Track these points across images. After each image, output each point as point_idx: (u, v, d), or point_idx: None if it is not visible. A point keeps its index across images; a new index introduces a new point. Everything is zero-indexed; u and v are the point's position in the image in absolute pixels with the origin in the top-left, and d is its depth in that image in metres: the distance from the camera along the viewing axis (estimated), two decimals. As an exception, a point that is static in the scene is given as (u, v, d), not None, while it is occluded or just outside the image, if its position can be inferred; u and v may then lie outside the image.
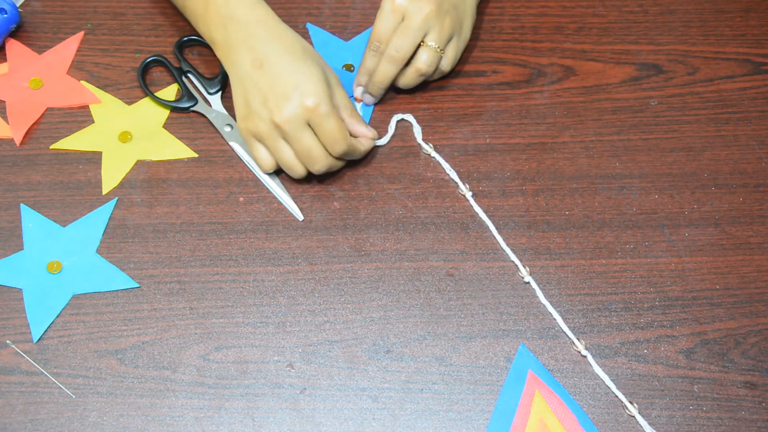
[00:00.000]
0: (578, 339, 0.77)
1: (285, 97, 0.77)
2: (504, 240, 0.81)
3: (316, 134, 0.79)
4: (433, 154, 0.85)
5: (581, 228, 0.82)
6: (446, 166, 0.84)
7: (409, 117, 0.86)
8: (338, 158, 0.81)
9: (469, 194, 0.83)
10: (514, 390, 0.75)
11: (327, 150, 0.79)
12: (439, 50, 0.83)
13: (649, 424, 0.74)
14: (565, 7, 0.94)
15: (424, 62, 0.83)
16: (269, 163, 0.81)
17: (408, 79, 0.85)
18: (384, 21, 0.83)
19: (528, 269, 0.80)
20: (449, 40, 0.85)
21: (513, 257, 0.80)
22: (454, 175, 0.84)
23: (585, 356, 0.76)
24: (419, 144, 0.86)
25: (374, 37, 0.84)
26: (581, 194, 0.84)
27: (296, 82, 0.77)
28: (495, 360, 0.76)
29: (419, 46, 0.83)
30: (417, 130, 0.86)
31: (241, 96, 0.80)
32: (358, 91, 0.87)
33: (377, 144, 0.85)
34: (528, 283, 0.80)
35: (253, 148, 0.81)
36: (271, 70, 0.78)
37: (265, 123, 0.78)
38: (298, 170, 0.81)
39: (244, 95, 0.80)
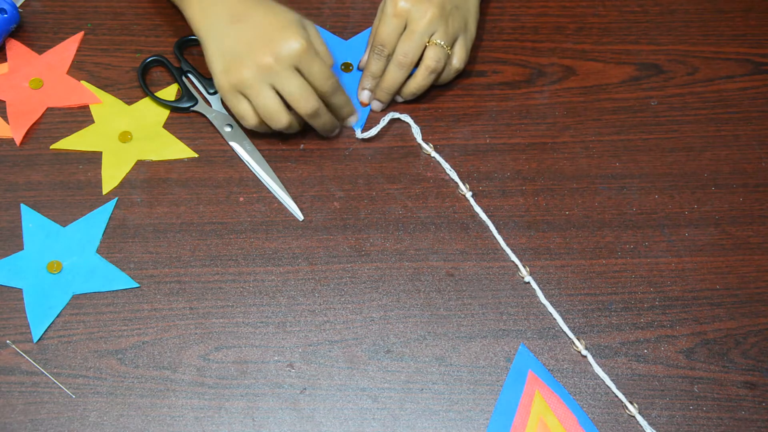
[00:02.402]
0: (578, 339, 0.77)
1: (272, 40, 0.78)
2: (504, 240, 0.81)
3: (303, 76, 0.80)
4: (433, 154, 0.85)
5: (581, 228, 0.82)
6: (446, 166, 0.84)
7: (406, 117, 0.86)
8: (326, 99, 0.82)
9: (469, 194, 0.83)
10: (514, 390, 0.75)
11: (315, 89, 0.81)
12: (446, 47, 0.84)
13: (649, 424, 0.74)
14: (565, 7, 0.94)
15: (431, 58, 0.84)
16: (253, 117, 0.81)
17: (419, 80, 0.85)
18: (387, 25, 0.84)
19: (528, 269, 0.80)
20: (455, 38, 0.85)
21: (513, 257, 0.80)
22: (454, 175, 0.84)
23: (585, 356, 0.76)
24: (419, 144, 0.86)
25: (377, 40, 0.84)
26: (581, 194, 0.84)
27: (281, 26, 0.79)
28: (495, 360, 0.76)
29: (426, 46, 0.84)
30: (416, 130, 0.86)
31: (218, 52, 0.80)
32: (364, 95, 0.87)
33: (363, 138, 0.85)
34: (528, 283, 0.80)
35: (235, 102, 0.81)
36: (254, 21, 0.79)
37: (249, 69, 0.79)
38: (282, 117, 0.81)
39: (222, 51, 0.80)
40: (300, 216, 0.82)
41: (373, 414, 0.74)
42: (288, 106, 0.81)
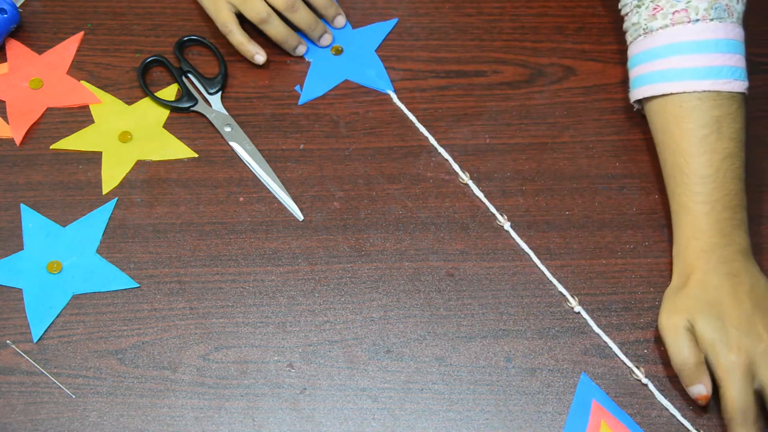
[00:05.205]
0: (638, 367, 0.75)
1: None
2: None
3: None
4: (469, 183, 0.84)
5: (581, 228, 0.82)
6: (480, 195, 0.83)
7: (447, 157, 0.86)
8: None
9: (507, 225, 0.81)
10: (579, 421, 0.73)
11: None
12: None
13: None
14: (565, 7, 0.94)
15: None
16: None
17: None
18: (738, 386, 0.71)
19: (577, 300, 0.80)
20: None
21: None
22: (492, 208, 0.83)
23: (645, 384, 0.75)
24: (456, 172, 0.84)
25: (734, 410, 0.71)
26: (581, 194, 0.84)
27: None
28: (495, 360, 0.76)
29: None
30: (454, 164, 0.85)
31: None
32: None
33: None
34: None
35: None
36: None
37: None
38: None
39: None
40: (300, 216, 0.82)
41: (373, 414, 0.74)
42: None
